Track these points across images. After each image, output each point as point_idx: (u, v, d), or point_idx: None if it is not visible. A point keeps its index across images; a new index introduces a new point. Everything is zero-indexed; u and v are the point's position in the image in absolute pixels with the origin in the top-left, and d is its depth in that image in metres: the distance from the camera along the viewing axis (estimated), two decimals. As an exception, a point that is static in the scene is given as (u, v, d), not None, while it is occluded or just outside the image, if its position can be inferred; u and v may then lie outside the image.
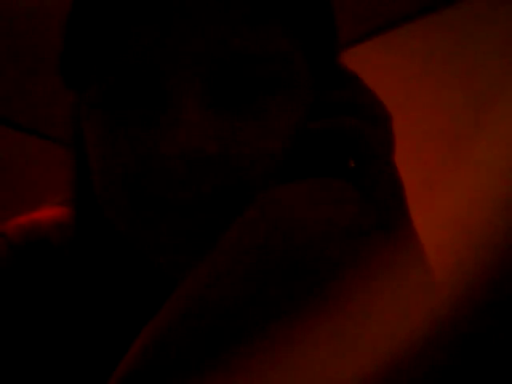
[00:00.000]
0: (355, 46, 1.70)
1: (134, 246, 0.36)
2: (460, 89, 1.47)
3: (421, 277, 0.29)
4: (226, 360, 0.24)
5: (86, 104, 0.36)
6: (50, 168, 0.43)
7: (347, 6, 1.58)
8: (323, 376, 0.24)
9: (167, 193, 0.33)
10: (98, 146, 0.35)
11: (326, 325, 0.25)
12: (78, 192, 0.40)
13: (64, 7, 0.37)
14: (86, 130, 0.36)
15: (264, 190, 0.30)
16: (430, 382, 0.25)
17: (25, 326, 0.38)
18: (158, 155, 0.32)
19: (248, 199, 0.32)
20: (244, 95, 0.33)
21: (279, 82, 0.34)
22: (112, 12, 0.33)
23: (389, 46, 1.65)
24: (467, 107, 1.43)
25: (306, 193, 0.28)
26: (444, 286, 0.28)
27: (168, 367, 0.25)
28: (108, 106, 0.34)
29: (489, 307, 0.27)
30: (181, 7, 0.32)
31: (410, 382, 0.25)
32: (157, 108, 0.33)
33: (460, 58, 1.50)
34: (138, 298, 0.38)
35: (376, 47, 1.68)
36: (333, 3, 0.39)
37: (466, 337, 0.26)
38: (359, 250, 0.26)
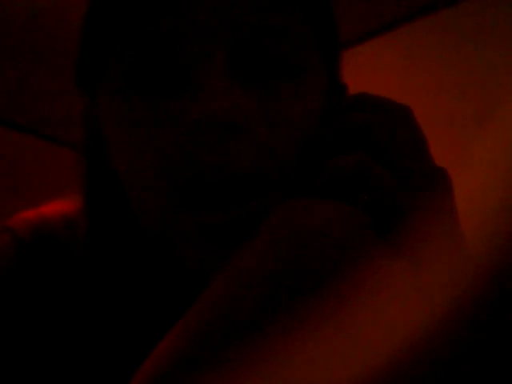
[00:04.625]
0: (355, 46, 1.70)
1: (158, 241, 0.35)
2: (460, 89, 1.47)
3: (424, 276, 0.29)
4: (235, 359, 0.25)
5: (104, 94, 0.35)
6: (50, 168, 0.42)
7: (347, 6, 1.58)
8: (325, 376, 0.24)
9: (200, 164, 0.32)
10: (125, 135, 0.34)
11: (328, 324, 0.25)
12: (91, 194, 0.40)
13: (64, 7, 0.37)
14: (107, 124, 0.36)
15: (290, 197, 0.30)
16: (431, 381, 0.26)
17: (33, 323, 0.38)
18: (185, 125, 0.32)
19: (271, 186, 0.33)
20: (265, 69, 0.34)
21: (298, 62, 0.34)
22: None
23: (389, 46, 1.65)
24: (467, 107, 1.43)
25: (332, 211, 0.29)
26: (445, 286, 0.28)
27: (188, 369, 0.25)
28: (130, 86, 0.34)
29: (490, 307, 0.27)
30: None
31: (411, 382, 0.25)
32: (181, 80, 0.33)
33: (460, 58, 1.50)
34: (154, 296, 0.38)
35: (376, 47, 1.68)
36: (334, 4, 0.40)
37: (467, 336, 0.27)
38: (364, 263, 0.27)
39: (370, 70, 1.61)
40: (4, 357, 0.37)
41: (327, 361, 0.25)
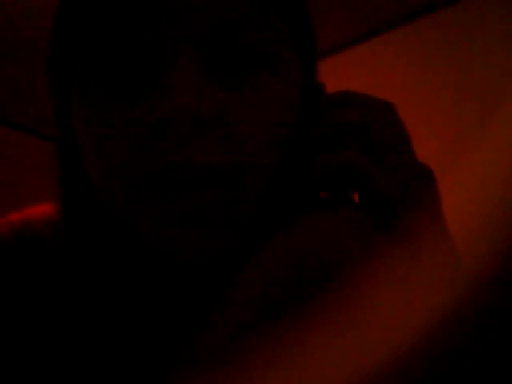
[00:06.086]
0: (355, 46, 1.70)
1: (131, 234, 0.35)
2: (460, 89, 1.47)
3: (424, 275, 0.29)
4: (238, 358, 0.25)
5: (76, 95, 0.36)
6: (49, 168, 0.42)
7: (347, 6, 1.59)
8: (327, 375, 0.24)
9: (165, 158, 0.32)
10: (94, 134, 0.34)
11: (330, 325, 0.25)
12: (66, 189, 0.40)
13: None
14: (78, 124, 0.36)
15: (304, 213, 0.31)
16: (432, 380, 0.26)
17: (17, 325, 0.38)
18: (154, 119, 0.32)
19: (244, 180, 0.33)
20: (236, 65, 0.34)
21: (268, 55, 0.34)
22: None
23: (389, 46, 1.65)
24: (467, 107, 1.43)
25: (340, 225, 0.30)
26: (445, 285, 0.28)
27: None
28: (101, 87, 0.34)
29: (490, 306, 0.27)
30: None
31: (412, 380, 0.25)
32: (151, 79, 0.33)
33: (460, 58, 1.50)
34: (135, 291, 0.37)
35: (376, 47, 1.68)
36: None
37: (467, 336, 0.27)
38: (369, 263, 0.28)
39: (370, 70, 1.61)
40: None
41: (331, 358, 0.25)
